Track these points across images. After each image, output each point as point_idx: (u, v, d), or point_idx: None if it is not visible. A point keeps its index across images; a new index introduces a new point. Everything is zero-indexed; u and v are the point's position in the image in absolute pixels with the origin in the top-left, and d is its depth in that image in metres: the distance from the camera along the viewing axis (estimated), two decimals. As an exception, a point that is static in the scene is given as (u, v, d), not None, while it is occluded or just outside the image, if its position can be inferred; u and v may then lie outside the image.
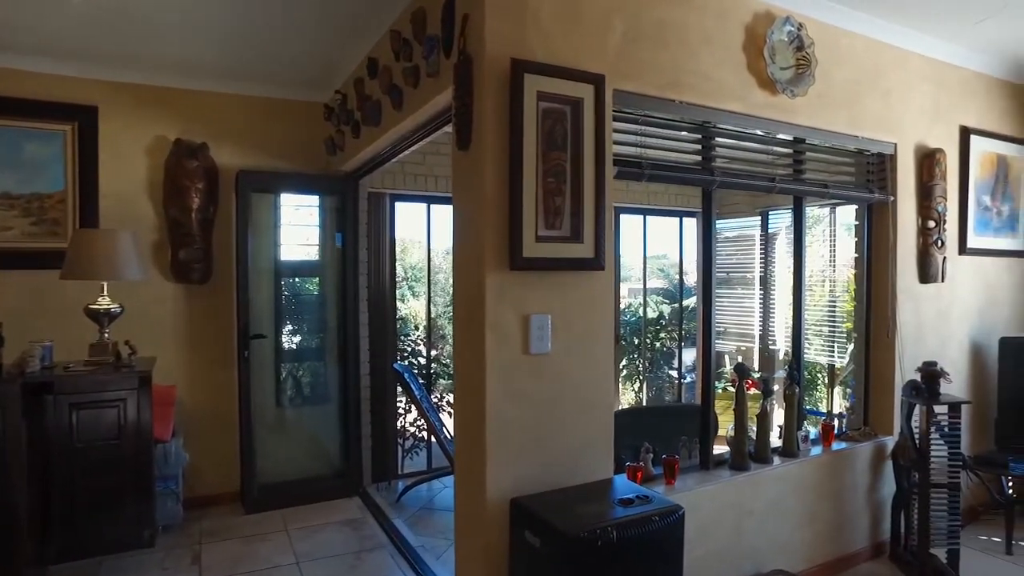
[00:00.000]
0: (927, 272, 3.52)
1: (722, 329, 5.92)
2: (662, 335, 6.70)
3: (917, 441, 3.12)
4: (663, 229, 6.12)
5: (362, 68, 3.51)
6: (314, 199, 4.44)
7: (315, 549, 3.50)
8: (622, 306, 6.55)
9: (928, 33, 3.40)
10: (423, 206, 4.73)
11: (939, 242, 3.52)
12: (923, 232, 3.51)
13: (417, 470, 4.77)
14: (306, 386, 4.55)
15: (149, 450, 3.13)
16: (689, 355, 6.49)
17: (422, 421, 4.65)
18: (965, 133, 3.75)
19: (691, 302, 6.57)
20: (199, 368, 4.06)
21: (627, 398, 6.49)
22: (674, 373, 6.49)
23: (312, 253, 4.52)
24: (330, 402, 4.44)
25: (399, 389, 4.58)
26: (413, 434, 4.91)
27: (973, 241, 3.81)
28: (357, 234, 4.36)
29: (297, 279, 4.60)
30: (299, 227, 4.46)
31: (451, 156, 2.40)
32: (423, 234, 4.88)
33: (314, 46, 3.55)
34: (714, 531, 2.73)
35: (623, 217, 5.54)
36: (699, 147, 2.80)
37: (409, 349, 5.59)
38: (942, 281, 3.59)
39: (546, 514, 2.06)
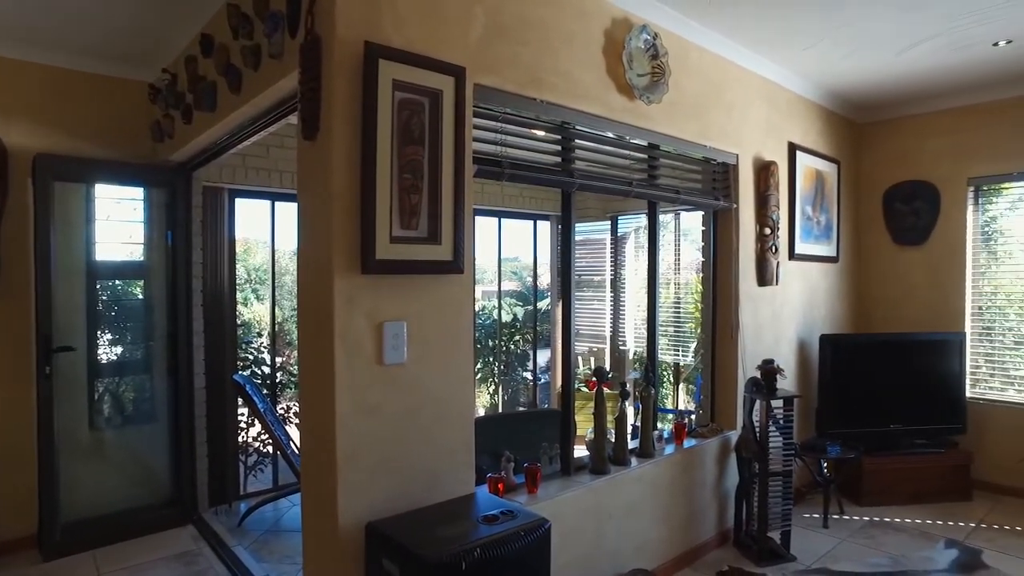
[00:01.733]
0: (764, 276, 3.79)
1: (575, 331, 6.07)
2: (516, 337, 6.75)
3: (758, 434, 3.34)
4: (517, 232, 6.16)
5: (195, 45, 3.11)
6: (138, 191, 3.90)
7: (136, 593, 3.05)
8: (476, 309, 6.51)
9: (764, 56, 3.68)
10: (267, 203, 4.35)
11: (773, 248, 3.81)
12: (761, 238, 3.78)
13: (262, 489, 4.38)
14: (128, 403, 3.99)
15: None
16: (543, 356, 6.59)
17: (267, 435, 4.27)
18: (792, 149, 4.11)
19: (544, 304, 6.68)
20: (-19, 389, 3.39)
21: (482, 400, 6.47)
22: (529, 375, 6.56)
23: (136, 253, 3.97)
24: (158, 420, 3.93)
25: (241, 402, 4.16)
26: (257, 449, 4.50)
27: (800, 248, 4.19)
28: (190, 232, 3.89)
29: (118, 282, 4.03)
30: (120, 223, 3.90)
31: (296, 147, 2.17)
32: (268, 233, 4.49)
33: (136, 13, 3.08)
34: (576, 537, 2.71)
35: (478, 219, 5.48)
36: (559, 148, 2.78)
37: (252, 357, 5.13)
38: (776, 284, 3.89)
39: (405, 539, 1.90)
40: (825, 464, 3.97)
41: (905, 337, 4.42)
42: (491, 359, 6.43)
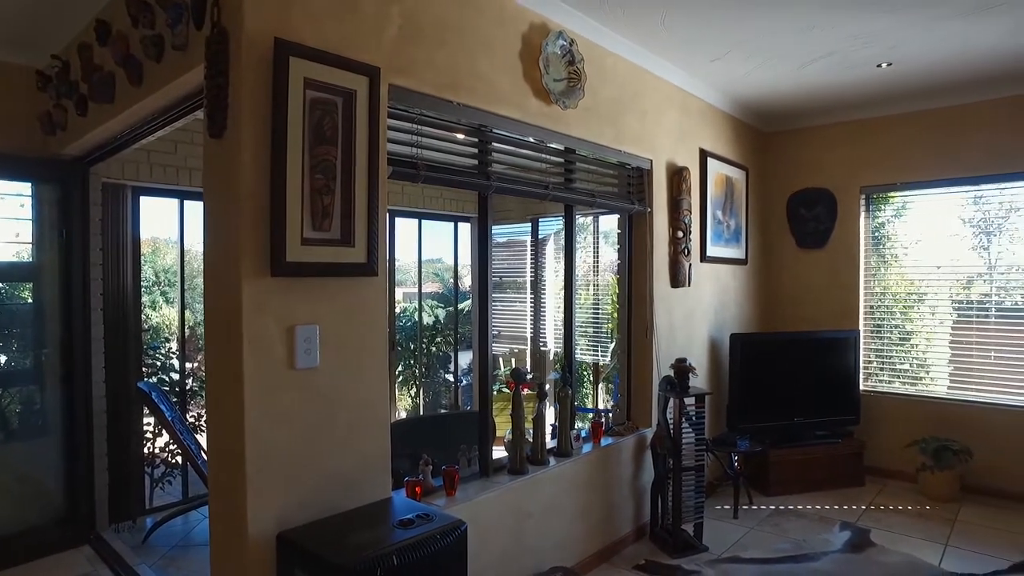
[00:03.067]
0: (677, 277, 3.94)
1: (496, 332, 6.10)
2: (438, 339, 6.70)
3: (671, 430, 3.46)
4: (438, 233, 6.13)
5: (89, 31, 2.91)
6: (25, 187, 3.62)
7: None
8: (397, 311, 6.43)
9: (675, 65, 3.82)
10: (175, 201, 4.14)
11: (686, 250, 3.96)
12: (674, 241, 3.92)
13: (171, 502, 4.16)
14: (13, 417, 3.69)
15: None
16: (465, 358, 6.57)
17: (175, 445, 4.06)
18: (703, 155, 4.29)
19: (466, 306, 6.67)
20: None
21: (404, 404, 6.39)
22: (451, 377, 6.53)
23: (23, 253, 3.68)
24: (49, 434, 3.64)
25: (147, 411, 3.94)
26: (165, 460, 4.27)
27: (711, 250, 4.37)
28: (87, 231, 3.64)
29: (1, 285, 3.72)
30: (3, 221, 3.60)
31: (203, 145, 2.08)
32: (177, 233, 4.27)
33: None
34: (495, 538, 2.72)
35: (398, 220, 5.43)
36: (476, 151, 2.79)
37: (160, 363, 4.86)
38: (688, 286, 4.05)
39: (318, 548, 1.86)
40: (735, 458, 4.15)
41: (808, 335, 4.70)
42: (412, 361, 6.36)
